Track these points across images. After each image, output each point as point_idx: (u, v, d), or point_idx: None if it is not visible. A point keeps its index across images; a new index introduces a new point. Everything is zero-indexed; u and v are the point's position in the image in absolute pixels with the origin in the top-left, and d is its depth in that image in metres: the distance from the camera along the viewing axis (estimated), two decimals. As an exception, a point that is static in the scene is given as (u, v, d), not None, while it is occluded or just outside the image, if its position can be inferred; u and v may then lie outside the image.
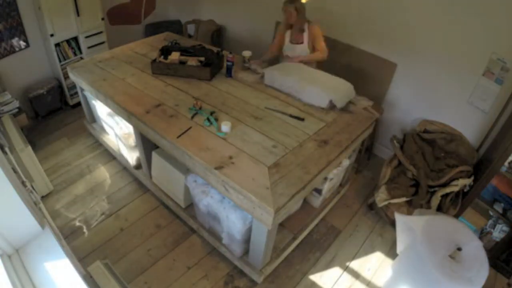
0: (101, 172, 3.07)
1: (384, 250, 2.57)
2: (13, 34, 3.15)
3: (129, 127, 2.68)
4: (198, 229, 2.51)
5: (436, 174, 2.54)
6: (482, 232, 2.49)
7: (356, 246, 2.57)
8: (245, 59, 2.98)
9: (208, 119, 2.25)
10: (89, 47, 3.65)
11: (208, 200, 2.18)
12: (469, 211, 2.51)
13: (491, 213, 2.42)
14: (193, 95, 2.55)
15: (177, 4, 4.66)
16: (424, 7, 2.60)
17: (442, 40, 2.60)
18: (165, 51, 2.90)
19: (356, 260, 2.48)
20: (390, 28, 2.85)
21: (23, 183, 1.84)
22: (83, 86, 2.90)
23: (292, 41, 2.89)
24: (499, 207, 2.35)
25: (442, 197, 2.47)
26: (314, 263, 2.44)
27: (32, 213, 1.35)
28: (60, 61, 3.47)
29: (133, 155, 2.86)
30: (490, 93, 2.47)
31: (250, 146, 2.08)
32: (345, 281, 2.34)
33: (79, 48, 3.59)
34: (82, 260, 2.31)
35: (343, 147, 2.16)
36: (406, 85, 2.98)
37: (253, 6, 3.86)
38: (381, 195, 2.60)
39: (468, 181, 2.40)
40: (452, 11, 2.47)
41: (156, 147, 2.60)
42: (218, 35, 4.27)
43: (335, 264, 2.44)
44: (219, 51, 2.99)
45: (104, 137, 3.25)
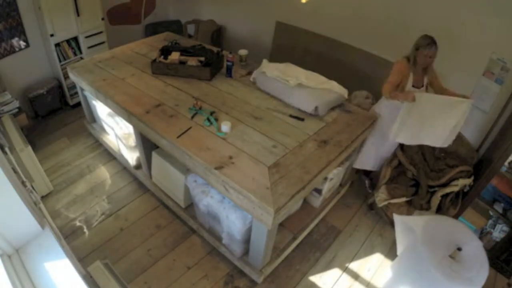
0: (101, 172, 3.07)
1: (384, 250, 2.57)
2: (13, 34, 3.15)
3: (129, 127, 2.68)
4: (198, 229, 2.51)
5: (436, 174, 2.54)
6: (482, 232, 2.49)
7: (356, 246, 2.57)
8: (242, 57, 2.99)
9: (208, 119, 2.25)
10: (89, 47, 3.65)
11: (208, 200, 2.18)
12: (469, 211, 2.51)
13: (491, 213, 2.42)
14: (193, 95, 2.55)
15: (177, 4, 4.66)
16: (424, 7, 2.60)
17: (442, 40, 2.60)
18: (165, 51, 2.90)
19: (356, 260, 2.48)
20: (390, 28, 2.85)
21: (23, 183, 1.84)
22: (83, 86, 2.90)
23: (414, 85, 2.40)
24: (499, 207, 2.35)
25: (442, 197, 2.47)
26: (314, 263, 2.44)
27: (32, 213, 1.35)
28: (60, 61, 3.47)
29: (133, 155, 2.86)
30: (490, 93, 2.47)
31: (250, 146, 2.08)
32: (345, 281, 2.34)
33: (79, 48, 3.59)
34: (82, 260, 2.31)
35: (343, 147, 2.16)
36: (406, 85, 2.97)
37: (253, 6, 3.86)
38: (381, 195, 2.60)
39: (468, 181, 2.40)
40: (452, 11, 2.47)
41: (156, 147, 2.60)
42: (218, 35, 4.27)
43: (335, 264, 2.44)
44: (219, 51, 2.99)
45: (104, 137, 3.25)
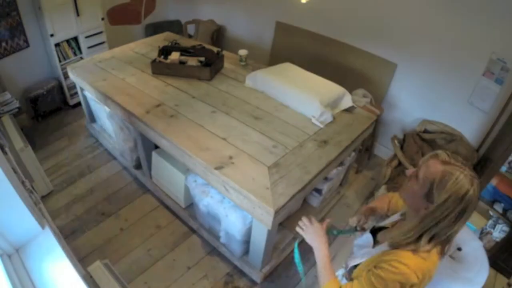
0: (101, 172, 3.07)
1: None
2: (13, 34, 3.15)
3: (129, 127, 2.68)
4: (198, 229, 2.51)
5: (436, 174, 2.53)
6: (482, 232, 2.49)
7: (356, 246, 2.57)
8: (242, 57, 2.99)
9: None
10: (89, 47, 3.65)
11: (208, 200, 2.18)
12: (469, 211, 2.51)
13: (491, 213, 2.42)
14: (193, 95, 2.56)
15: (177, 4, 4.65)
16: (424, 7, 2.60)
17: (442, 40, 2.60)
18: (165, 51, 2.90)
19: (356, 260, 2.47)
20: (390, 28, 2.85)
21: (23, 183, 1.84)
22: (83, 86, 2.90)
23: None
24: (499, 207, 2.35)
25: (442, 197, 2.47)
26: (314, 263, 2.43)
27: (32, 213, 1.34)
28: (60, 61, 3.47)
29: (133, 155, 2.86)
30: (490, 93, 2.47)
31: (250, 146, 2.08)
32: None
33: (79, 48, 3.59)
34: (82, 260, 2.31)
35: (343, 147, 2.16)
36: (406, 85, 2.98)
37: (253, 6, 3.86)
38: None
39: (468, 181, 2.40)
40: (452, 11, 2.47)
41: (156, 147, 2.60)
42: (218, 35, 4.27)
43: (335, 264, 2.42)
44: (219, 51, 2.99)
45: (104, 137, 3.25)
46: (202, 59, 2.82)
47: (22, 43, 3.27)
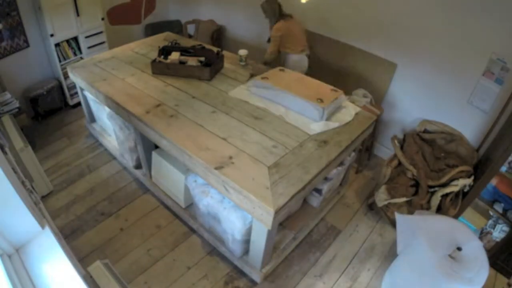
0: (101, 172, 3.07)
1: (384, 250, 2.57)
2: (13, 34, 3.15)
3: (129, 127, 2.68)
4: (198, 229, 2.51)
5: (436, 174, 2.54)
6: (482, 232, 2.49)
7: (356, 246, 2.57)
8: (241, 57, 2.99)
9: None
10: (89, 47, 3.66)
11: (208, 200, 2.18)
12: (469, 211, 2.51)
13: (491, 213, 2.42)
14: (193, 95, 2.56)
15: (177, 4, 4.66)
16: (424, 7, 2.60)
17: (442, 40, 2.60)
18: (165, 51, 2.90)
19: (356, 260, 2.48)
20: (390, 28, 2.85)
21: (23, 183, 1.84)
22: (83, 86, 2.90)
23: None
24: (499, 207, 2.35)
25: (442, 197, 2.47)
26: (314, 263, 2.44)
27: (32, 213, 1.34)
28: (60, 61, 3.48)
29: (133, 155, 2.86)
30: (490, 93, 2.47)
31: (250, 146, 2.08)
32: (345, 281, 2.34)
33: (79, 48, 3.60)
34: (82, 260, 2.31)
35: (343, 147, 2.16)
36: (406, 85, 2.98)
37: (253, 6, 3.86)
38: (381, 195, 2.60)
39: (468, 181, 2.40)
40: (453, 11, 2.47)
41: (156, 147, 2.60)
42: (218, 35, 4.27)
43: (335, 264, 2.44)
44: (219, 51, 2.99)
45: (104, 137, 3.25)
46: (202, 59, 2.82)
47: (22, 43, 3.27)
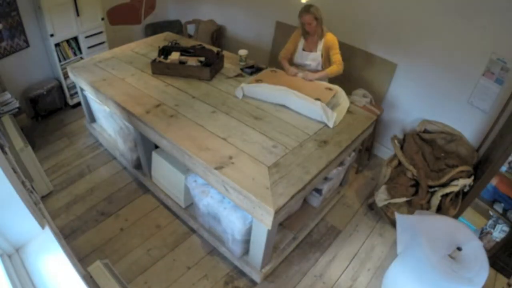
0: (101, 172, 3.07)
1: (384, 250, 2.57)
2: (13, 34, 3.15)
3: (129, 127, 2.68)
4: (198, 229, 2.51)
5: (436, 174, 2.54)
6: (482, 232, 2.49)
7: (356, 246, 2.57)
8: (241, 57, 2.99)
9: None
10: (89, 47, 3.66)
11: (208, 200, 2.18)
12: (469, 211, 2.51)
13: (491, 213, 2.42)
14: (193, 95, 2.56)
15: (177, 4, 4.66)
16: (425, 7, 2.60)
17: (442, 40, 2.60)
18: (165, 51, 2.90)
19: (356, 260, 2.48)
20: (390, 28, 2.85)
21: (23, 183, 1.84)
22: (83, 86, 2.90)
23: (305, 49, 2.68)
24: (499, 207, 2.35)
25: (442, 197, 2.47)
26: (314, 263, 2.44)
27: (32, 213, 1.34)
28: (60, 61, 3.48)
29: (133, 155, 2.86)
30: (490, 93, 2.47)
31: (250, 146, 2.08)
32: (345, 281, 2.34)
33: (79, 48, 3.59)
34: (82, 260, 2.31)
35: (343, 147, 2.16)
36: (406, 85, 2.98)
37: (253, 6, 3.86)
38: (381, 195, 2.60)
39: (468, 181, 2.40)
40: (453, 11, 2.47)
41: (156, 147, 2.60)
42: (218, 35, 4.27)
43: (335, 264, 2.44)
44: (219, 51, 2.99)
45: (104, 137, 3.25)
46: (202, 59, 2.82)
47: (22, 43, 3.27)
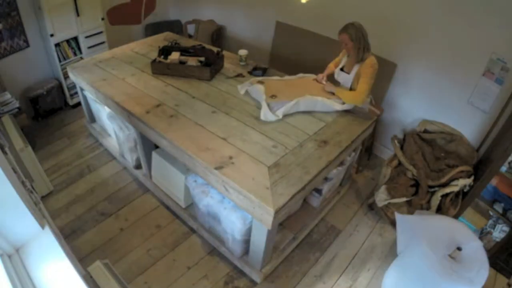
0: (101, 172, 3.07)
1: (384, 250, 2.57)
2: (13, 34, 3.15)
3: (129, 127, 2.68)
4: (198, 229, 2.51)
5: (436, 174, 2.54)
6: (482, 232, 2.49)
7: (356, 246, 2.57)
8: (241, 57, 2.99)
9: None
10: (89, 47, 3.66)
11: (208, 200, 2.18)
12: (469, 211, 2.51)
13: (491, 213, 2.42)
14: (193, 95, 2.56)
15: (177, 4, 4.66)
16: (425, 7, 2.60)
17: (442, 40, 2.60)
18: (165, 51, 2.90)
19: (356, 260, 2.48)
20: (390, 28, 2.85)
21: (23, 183, 1.84)
22: (83, 86, 2.90)
23: (343, 68, 2.52)
24: (499, 207, 2.35)
25: (442, 197, 2.47)
26: (314, 263, 2.44)
27: (32, 213, 1.34)
28: (60, 61, 3.47)
29: (133, 155, 2.86)
30: (490, 93, 2.47)
31: (250, 146, 2.08)
32: (345, 281, 2.34)
33: (79, 48, 3.59)
34: (82, 260, 2.31)
35: (343, 147, 2.16)
36: (406, 85, 2.98)
37: (253, 6, 3.86)
38: (381, 195, 2.60)
39: (468, 181, 2.40)
40: (453, 11, 2.47)
41: (156, 147, 2.60)
42: (218, 35, 4.27)
43: (335, 264, 2.44)
44: (219, 51, 2.99)
45: (104, 137, 3.25)
46: (202, 59, 2.82)
47: (22, 43, 3.27)
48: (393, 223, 2.58)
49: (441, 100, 2.79)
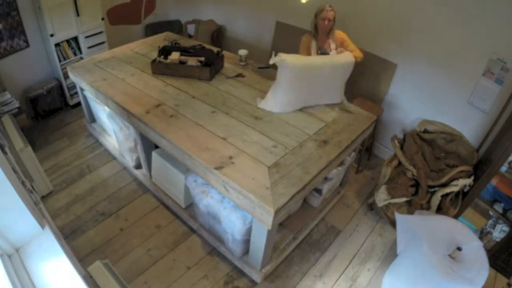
0: (101, 172, 3.07)
1: (384, 250, 2.57)
2: (13, 34, 3.15)
3: (129, 127, 2.68)
4: (198, 229, 2.51)
5: (436, 174, 2.54)
6: (482, 232, 2.49)
7: (356, 246, 2.57)
8: (241, 57, 2.99)
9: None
10: (89, 47, 3.65)
11: (208, 200, 2.18)
12: (469, 211, 2.51)
13: (491, 213, 2.42)
14: (193, 95, 2.56)
15: (177, 4, 4.66)
16: (425, 7, 2.60)
17: (442, 40, 2.60)
18: (165, 51, 2.90)
19: (356, 260, 2.48)
20: (390, 28, 2.85)
21: (23, 183, 1.84)
22: (83, 86, 2.90)
23: (322, 50, 2.60)
24: (499, 207, 2.35)
25: (442, 197, 2.47)
26: (314, 263, 2.44)
27: (32, 213, 1.34)
28: (60, 61, 3.47)
29: (133, 155, 2.86)
30: (490, 93, 2.47)
31: (250, 146, 2.08)
32: (345, 281, 2.34)
33: (79, 48, 3.59)
34: (82, 260, 2.31)
35: (343, 147, 2.16)
36: (406, 85, 2.98)
37: (253, 6, 3.86)
38: (381, 195, 2.60)
39: (468, 181, 2.40)
40: (453, 11, 2.47)
41: (156, 147, 2.60)
42: (218, 35, 4.27)
43: (335, 264, 2.44)
44: (219, 51, 2.99)
45: (104, 137, 3.25)
46: (202, 59, 2.82)
47: (22, 43, 3.27)
48: (393, 223, 2.58)
49: (441, 100, 2.79)
